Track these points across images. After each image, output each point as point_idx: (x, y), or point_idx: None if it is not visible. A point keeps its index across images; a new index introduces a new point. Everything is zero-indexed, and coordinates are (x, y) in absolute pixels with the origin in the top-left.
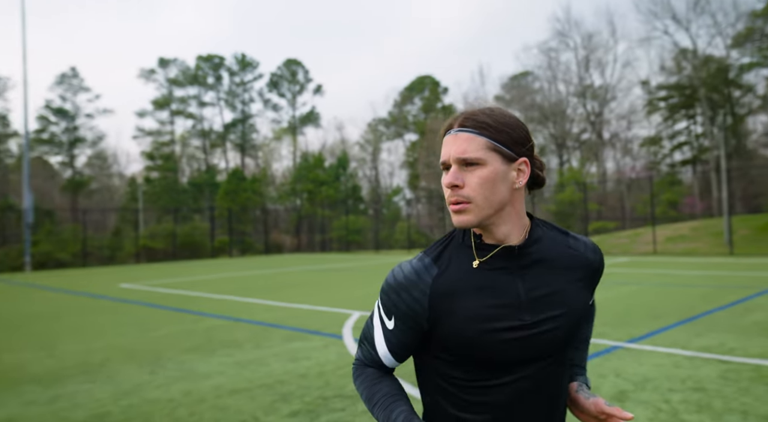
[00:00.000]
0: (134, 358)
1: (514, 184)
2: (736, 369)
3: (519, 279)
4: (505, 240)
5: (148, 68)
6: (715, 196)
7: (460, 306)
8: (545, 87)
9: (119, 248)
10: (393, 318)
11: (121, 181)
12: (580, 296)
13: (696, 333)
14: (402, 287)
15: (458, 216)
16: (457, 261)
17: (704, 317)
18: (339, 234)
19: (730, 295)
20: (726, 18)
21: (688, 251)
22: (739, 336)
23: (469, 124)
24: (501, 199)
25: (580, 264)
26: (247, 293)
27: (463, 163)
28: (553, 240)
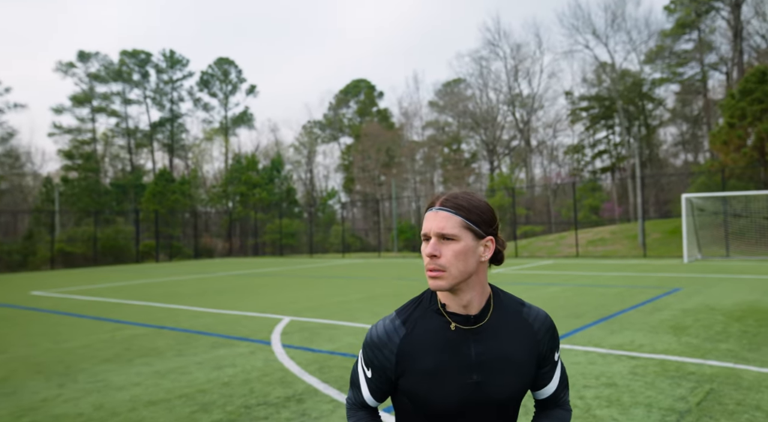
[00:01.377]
0: (42, 371)
1: (480, 257)
2: (644, 365)
3: (473, 343)
4: (467, 306)
5: (67, 61)
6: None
7: (419, 364)
8: (477, 94)
9: (32, 253)
10: (371, 370)
11: (35, 181)
12: (524, 364)
13: (611, 331)
14: (375, 346)
15: (434, 281)
16: (423, 324)
17: (619, 316)
18: (272, 237)
19: (642, 295)
20: (640, 35)
21: (607, 253)
22: (648, 334)
23: (449, 205)
24: (470, 269)
25: (527, 333)
26: (173, 299)
27: (442, 237)
28: (508, 309)
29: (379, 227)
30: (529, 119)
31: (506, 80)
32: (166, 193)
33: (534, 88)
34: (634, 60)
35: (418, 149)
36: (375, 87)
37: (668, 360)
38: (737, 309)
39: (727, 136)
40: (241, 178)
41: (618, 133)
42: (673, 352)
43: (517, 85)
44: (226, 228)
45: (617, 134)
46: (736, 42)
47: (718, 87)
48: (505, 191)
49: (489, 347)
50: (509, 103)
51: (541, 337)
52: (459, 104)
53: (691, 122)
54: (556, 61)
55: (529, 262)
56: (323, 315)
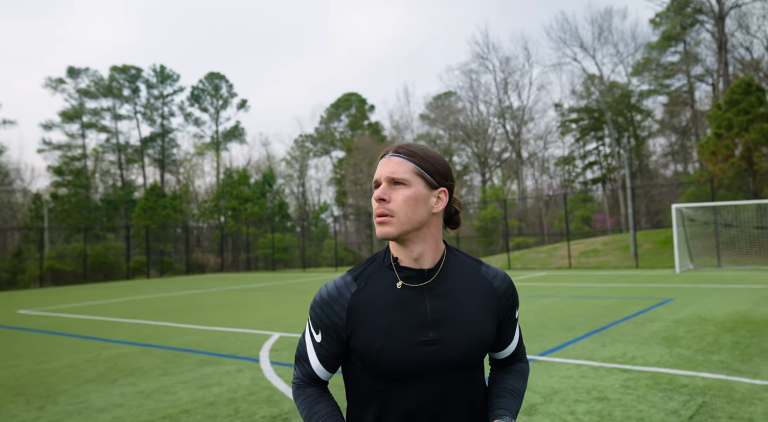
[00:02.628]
0: (22, 393)
1: (432, 208)
2: (636, 378)
3: (427, 299)
4: (420, 260)
5: (56, 77)
6: (623, 212)
7: (371, 321)
8: (467, 107)
9: (21, 271)
10: (320, 332)
11: (24, 198)
12: (483, 321)
13: (602, 343)
14: (325, 302)
15: (381, 227)
16: (376, 280)
17: (611, 328)
18: (265, 252)
19: (634, 306)
20: (627, 48)
21: (599, 264)
22: (640, 346)
23: (402, 151)
24: (420, 218)
25: (486, 291)
26: (162, 316)
27: (392, 181)
28: (464, 266)
29: (372, 240)
30: (520, 131)
31: (496, 93)
32: (157, 209)
33: (524, 101)
34: (621, 72)
35: None
36: (366, 100)
37: (660, 372)
38: (729, 320)
39: (714, 147)
40: (232, 193)
41: (608, 144)
42: (665, 364)
43: (507, 98)
44: (218, 244)
45: (607, 145)
46: (721, 54)
47: (705, 98)
48: (497, 203)
49: (445, 303)
50: (500, 116)
51: (501, 295)
52: (450, 117)
53: (679, 133)
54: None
55: (522, 274)
56: None
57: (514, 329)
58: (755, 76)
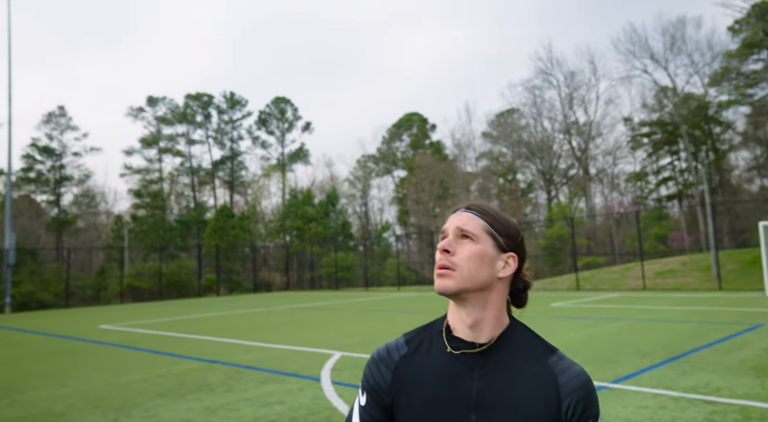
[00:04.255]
0: (99, 406)
1: (498, 272)
2: (722, 411)
3: (476, 377)
4: (475, 329)
5: (137, 106)
6: (702, 231)
7: (415, 390)
8: (531, 123)
9: (104, 288)
10: (365, 394)
11: (108, 219)
12: (529, 418)
13: (682, 372)
14: (374, 362)
15: (440, 280)
16: (427, 346)
17: (691, 355)
18: (328, 271)
19: (718, 332)
20: (702, 58)
21: (677, 286)
22: (726, 376)
23: (474, 208)
24: (483, 279)
25: (548, 386)
26: (228, 333)
27: (460, 233)
28: (529, 349)
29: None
30: (587, 147)
31: (561, 108)
32: (227, 229)
33: (591, 116)
34: (697, 83)
35: (472, 180)
36: (427, 120)
37: (750, 406)
38: None
39: None
40: (297, 213)
41: (684, 158)
42: (756, 397)
43: (572, 113)
44: (283, 262)
45: (683, 160)
46: None
47: None
48: (564, 221)
49: (494, 386)
50: (565, 132)
51: (566, 395)
52: (513, 134)
53: (765, 146)
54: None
55: (592, 295)
56: None
57: None
58: None
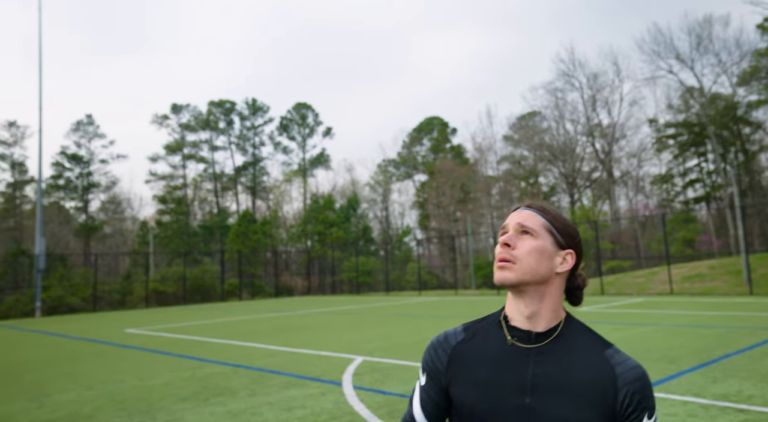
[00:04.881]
0: (125, 409)
1: (556, 267)
2: (755, 420)
3: (531, 363)
4: (532, 320)
5: (162, 114)
6: (731, 234)
7: (470, 372)
8: (553, 126)
9: (129, 292)
10: (425, 375)
11: (134, 225)
12: (585, 408)
13: (713, 378)
14: (433, 346)
15: (501, 272)
16: (483, 334)
17: (722, 361)
18: (349, 275)
19: (750, 338)
20: (730, 57)
21: (705, 290)
22: (759, 383)
23: (535, 207)
24: (542, 272)
25: (603, 377)
26: (251, 337)
27: (521, 229)
28: (585, 342)
29: (456, 264)
30: (611, 149)
31: (584, 111)
32: (249, 234)
33: (614, 118)
34: (725, 82)
35: (493, 184)
36: (448, 124)
37: None
38: None
39: None
40: (318, 218)
41: (711, 160)
42: None
43: (595, 115)
44: (305, 267)
45: (710, 161)
46: None
47: None
48: (588, 224)
49: (548, 371)
50: (588, 134)
51: (623, 386)
52: (535, 137)
53: None
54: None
55: (617, 300)
56: (396, 356)
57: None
58: None
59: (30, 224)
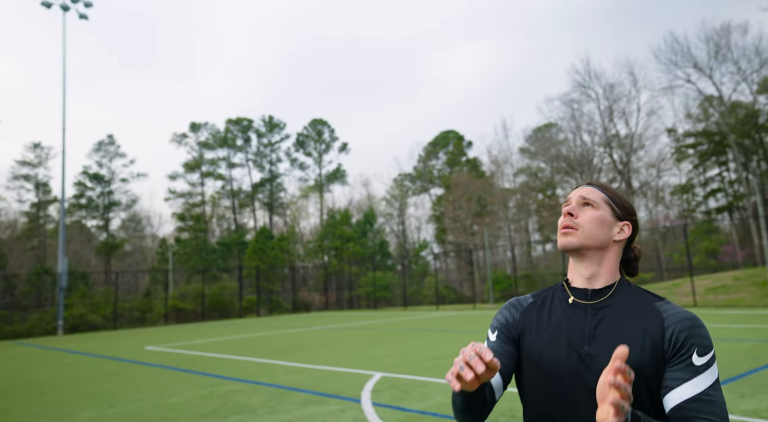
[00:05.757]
0: None
1: (614, 235)
2: None
3: (590, 316)
4: (591, 281)
5: (180, 133)
6: (756, 244)
7: (539, 327)
8: (570, 138)
9: (149, 309)
10: (495, 332)
11: (153, 243)
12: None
13: (741, 394)
14: (506, 307)
15: (564, 237)
16: (550, 298)
17: (750, 375)
18: (367, 290)
19: None
20: (750, 64)
21: (730, 302)
22: None
23: (595, 184)
24: (601, 239)
25: (654, 322)
26: (270, 354)
27: (583, 201)
28: (639, 297)
29: (473, 277)
30: (629, 160)
31: (600, 121)
32: (266, 250)
33: (632, 128)
34: (745, 90)
35: (510, 197)
36: (463, 137)
37: None
38: None
39: None
40: (335, 233)
41: (733, 169)
42: None
43: (613, 126)
44: (322, 282)
45: (732, 171)
46: None
47: None
48: None
49: (605, 322)
50: (605, 145)
51: (669, 325)
52: (551, 149)
53: None
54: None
55: None
56: (415, 372)
57: (689, 377)
58: None
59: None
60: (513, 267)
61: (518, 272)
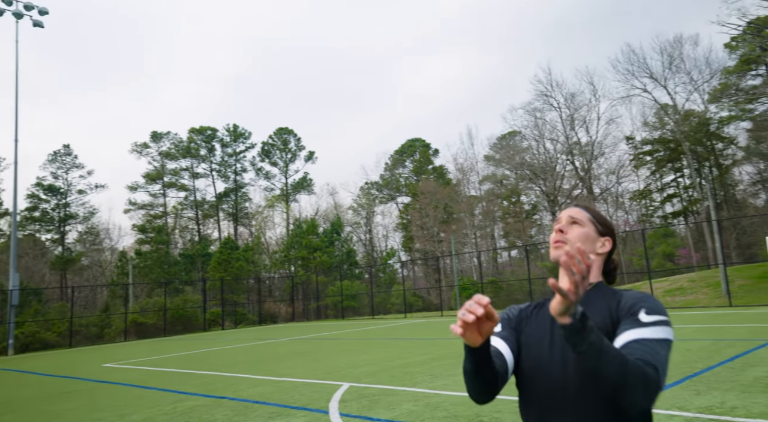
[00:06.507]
0: None
1: (597, 249)
2: None
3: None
4: None
5: (141, 142)
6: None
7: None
8: (533, 145)
9: (108, 325)
10: (500, 323)
11: (112, 256)
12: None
13: (696, 391)
14: (509, 307)
15: (555, 251)
16: (541, 306)
17: (704, 374)
18: (334, 300)
19: (731, 349)
20: (701, 75)
21: (687, 303)
22: (741, 394)
23: (581, 205)
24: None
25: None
26: (235, 368)
27: (571, 220)
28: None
29: (441, 285)
30: (590, 167)
31: (563, 130)
32: (231, 261)
33: (593, 136)
34: (697, 100)
35: (476, 204)
36: (430, 145)
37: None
38: None
39: None
40: (302, 243)
41: (687, 175)
42: None
43: (574, 134)
44: (288, 293)
45: (687, 177)
46: None
47: None
48: None
49: None
50: (568, 152)
51: (624, 299)
52: (516, 156)
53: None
54: (613, 107)
55: None
56: (383, 381)
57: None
58: None
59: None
60: (479, 274)
61: (485, 278)
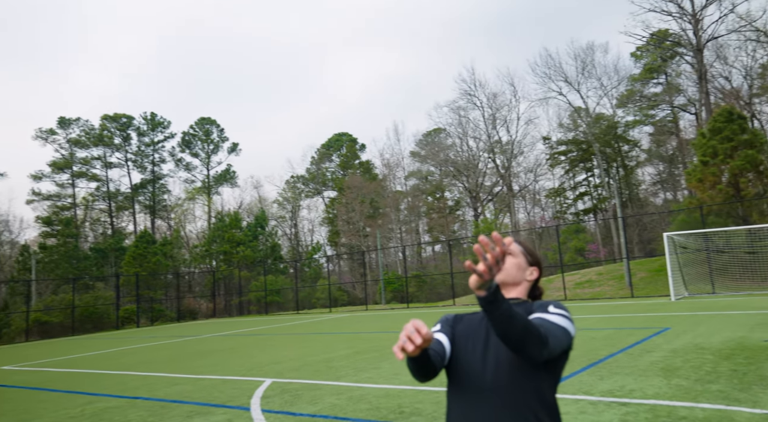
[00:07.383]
0: None
1: (527, 276)
2: (635, 412)
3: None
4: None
5: (47, 128)
6: (615, 242)
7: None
8: (457, 143)
9: (6, 325)
10: (438, 325)
11: (12, 250)
12: None
13: (600, 377)
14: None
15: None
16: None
17: (608, 360)
18: (258, 295)
19: (630, 337)
20: (610, 81)
21: (595, 295)
22: (638, 378)
23: (516, 240)
24: (518, 278)
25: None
26: (151, 366)
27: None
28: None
29: (366, 279)
30: (510, 165)
31: (485, 128)
32: (148, 256)
33: (512, 135)
34: (606, 104)
35: (401, 199)
36: (357, 140)
37: (659, 405)
38: (726, 347)
39: (701, 174)
40: (224, 237)
41: (597, 175)
42: (663, 396)
43: (495, 133)
44: (209, 288)
45: (597, 176)
46: (702, 84)
47: (689, 127)
48: None
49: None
50: (489, 150)
51: (536, 304)
52: (440, 153)
53: (666, 161)
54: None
55: None
56: (306, 375)
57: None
58: (736, 104)
59: None
60: (404, 268)
61: (409, 272)
